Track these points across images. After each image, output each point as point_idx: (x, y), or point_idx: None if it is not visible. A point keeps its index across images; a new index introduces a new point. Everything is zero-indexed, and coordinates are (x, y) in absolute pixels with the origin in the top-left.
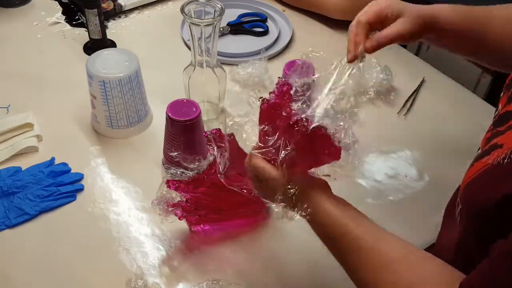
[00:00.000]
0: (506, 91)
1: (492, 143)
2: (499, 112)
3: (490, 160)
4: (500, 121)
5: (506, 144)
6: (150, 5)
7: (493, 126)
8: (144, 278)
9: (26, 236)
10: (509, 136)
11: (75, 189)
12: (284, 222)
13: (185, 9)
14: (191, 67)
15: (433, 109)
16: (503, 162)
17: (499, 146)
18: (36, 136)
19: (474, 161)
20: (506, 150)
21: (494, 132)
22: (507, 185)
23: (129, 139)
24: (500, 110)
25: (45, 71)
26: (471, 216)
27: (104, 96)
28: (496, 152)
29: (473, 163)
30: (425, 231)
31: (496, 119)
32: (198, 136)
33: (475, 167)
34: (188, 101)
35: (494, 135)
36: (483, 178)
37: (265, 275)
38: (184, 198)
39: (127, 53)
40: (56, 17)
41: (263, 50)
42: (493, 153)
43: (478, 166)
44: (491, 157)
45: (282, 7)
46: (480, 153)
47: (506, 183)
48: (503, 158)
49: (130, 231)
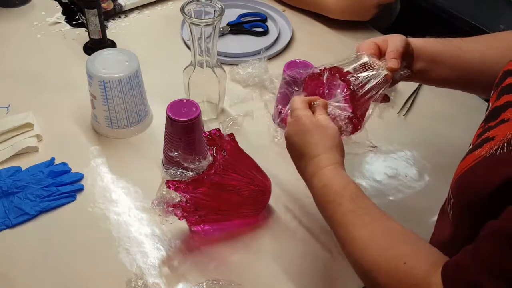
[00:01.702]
0: (496, 88)
1: (484, 137)
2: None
3: (482, 152)
4: (490, 117)
5: (498, 136)
6: (150, 5)
7: (484, 123)
8: (144, 278)
9: (26, 236)
10: (500, 129)
11: (75, 189)
12: (284, 222)
13: (185, 9)
14: (191, 67)
15: (433, 109)
16: (495, 153)
17: (490, 138)
18: (36, 136)
19: (465, 154)
20: (498, 142)
21: (486, 128)
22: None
23: (129, 139)
24: (491, 106)
25: (45, 71)
26: (464, 208)
27: (104, 96)
28: (488, 145)
29: (465, 156)
30: (424, 231)
31: (487, 116)
32: (198, 136)
33: (467, 160)
34: (188, 101)
35: (486, 130)
36: (477, 169)
37: (265, 275)
38: (184, 198)
39: (127, 53)
40: (56, 17)
41: (263, 50)
42: (485, 145)
43: (470, 159)
44: (483, 149)
45: (282, 7)
46: (471, 148)
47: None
48: (496, 150)
49: (130, 231)
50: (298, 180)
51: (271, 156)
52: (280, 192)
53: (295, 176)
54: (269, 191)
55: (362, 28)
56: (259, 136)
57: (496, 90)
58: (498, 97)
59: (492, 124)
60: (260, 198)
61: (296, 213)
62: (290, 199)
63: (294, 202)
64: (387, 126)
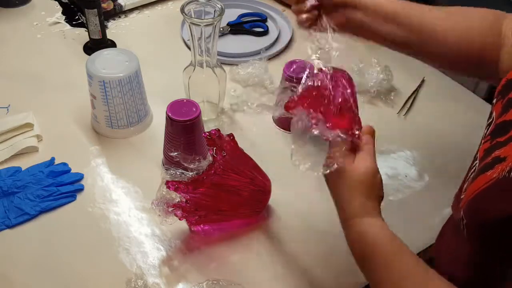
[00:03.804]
0: (501, 98)
1: (494, 155)
2: (495, 121)
3: (495, 174)
4: (499, 131)
5: (510, 156)
6: (150, 5)
7: (490, 137)
8: (144, 278)
9: (26, 236)
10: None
11: (75, 189)
12: (284, 222)
13: (185, 9)
14: (191, 67)
15: (433, 109)
16: (508, 175)
17: (502, 159)
18: (36, 136)
19: (476, 175)
20: (510, 163)
21: (494, 143)
22: None
23: (129, 139)
24: (496, 118)
25: (45, 71)
26: (478, 230)
27: (104, 96)
28: (500, 166)
29: (476, 176)
30: (425, 231)
31: (494, 129)
32: (198, 136)
33: (479, 182)
34: (188, 101)
35: (495, 147)
36: (490, 192)
37: (265, 275)
38: (184, 198)
39: (127, 53)
40: (56, 17)
41: (263, 50)
42: (496, 166)
43: (482, 180)
44: (495, 171)
45: (282, 7)
46: (482, 166)
47: None
48: (508, 172)
49: (130, 231)
50: (298, 180)
51: (271, 156)
52: (280, 192)
53: (295, 176)
54: (269, 191)
55: None
56: (259, 136)
57: (501, 100)
58: (506, 109)
59: (501, 140)
60: (260, 198)
61: (296, 213)
62: (290, 199)
63: (294, 202)
64: (387, 126)
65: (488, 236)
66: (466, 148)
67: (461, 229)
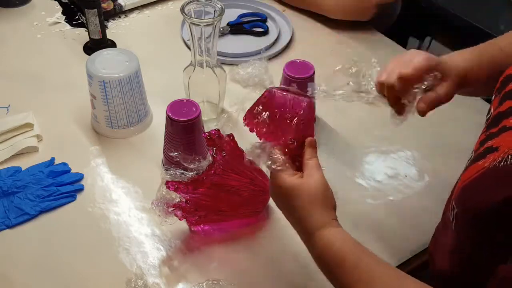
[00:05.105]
0: (497, 94)
1: (487, 145)
2: (492, 114)
3: (486, 164)
4: (493, 123)
5: (502, 147)
6: (150, 5)
7: (486, 129)
8: (144, 278)
9: (26, 236)
10: (503, 138)
11: (75, 189)
12: (284, 222)
13: (185, 9)
14: (191, 67)
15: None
16: (499, 165)
17: (494, 149)
18: (36, 136)
19: (469, 164)
20: (502, 154)
21: (488, 134)
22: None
23: (129, 139)
24: (493, 112)
25: (45, 71)
26: (468, 219)
27: (104, 96)
28: (492, 156)
29: (468, 166)
30: (424, 231)
31: (489, 122)
32: (198, 136)
33: (471, 170)
34: (188, 101)
35: (488, 137)
36: (480, 181)
37: (265, 275)
38: (184, 199)
39: (127, 53)
40: (56, 17)
41: (263, 50)
42: (488, 156)
43: (474, 169)
44: (487, 160)
45: (282, 7)
46: (475, 156)
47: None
48: (499, 162)
49: (130, 231)
50: None
51: None
52: None
53: None
54: (269, 191)
55: (362, 28)
56: None
57: (498, 95)
58: (501, 103)
59: (494, 131)
60: (260, 198)
61: None
62: None
63: None
64: (387, 126)
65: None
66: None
67: (450, 221)
